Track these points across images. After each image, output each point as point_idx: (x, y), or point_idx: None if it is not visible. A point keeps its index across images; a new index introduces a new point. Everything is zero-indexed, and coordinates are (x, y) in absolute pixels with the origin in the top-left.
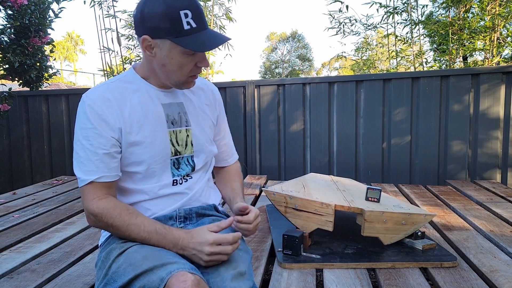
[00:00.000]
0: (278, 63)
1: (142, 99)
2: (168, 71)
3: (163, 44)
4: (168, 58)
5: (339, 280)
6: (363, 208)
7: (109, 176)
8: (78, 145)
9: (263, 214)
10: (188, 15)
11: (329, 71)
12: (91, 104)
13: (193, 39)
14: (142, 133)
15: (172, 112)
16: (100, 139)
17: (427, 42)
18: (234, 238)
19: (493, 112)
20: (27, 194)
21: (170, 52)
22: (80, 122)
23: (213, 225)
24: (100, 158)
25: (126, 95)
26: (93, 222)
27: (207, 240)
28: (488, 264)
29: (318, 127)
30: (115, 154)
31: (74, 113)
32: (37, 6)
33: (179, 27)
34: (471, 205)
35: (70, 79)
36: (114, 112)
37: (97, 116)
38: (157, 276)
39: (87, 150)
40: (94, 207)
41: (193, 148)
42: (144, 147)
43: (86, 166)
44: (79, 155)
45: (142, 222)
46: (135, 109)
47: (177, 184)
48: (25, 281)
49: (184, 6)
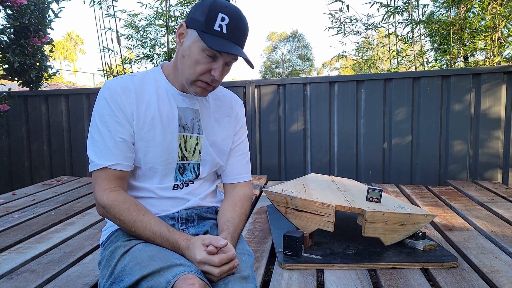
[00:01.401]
0: (279, 63)
1: (160, 98)
2: (184, 64)
3: (191, 34)
4: (189, 50)
5: (340, 281)
6: (364, 209)
7: (124, 165)
8: (95, 129)
9: (263, 215)
10: (224, 20)
11: (329, 70)
12: (112, 91)
13: (215, 39)
14: (153, 131)
15: (186, 117)
16: (118, 127)
17: (428, 42)
18: (220, 261)
19: (494, 112)
20: (27, 195)
21: (193, 44)
22: (100, 107)
23: (207, 239)
24: (117, 145)
25: (146, 90)
26: (102, 212)
27: (195, 258)
28: (489, 265)
29: (319, 127)
30: (131, 145)
31: (74, 113)
32: (37, 6)
33: (210, 25)
34: (472, 206)
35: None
36: (131, 104)
37: (116, 104)
38: (164, 278)
39: (105, 135)
40: (104, 198)
41: (201, 156)
42: (151, 145)
43: (102, 151)
44: (95, 140)
45: (149, 221)
46: (151, 106)
47: (177, 189)
48: (24, 281)
49: (227, 12)
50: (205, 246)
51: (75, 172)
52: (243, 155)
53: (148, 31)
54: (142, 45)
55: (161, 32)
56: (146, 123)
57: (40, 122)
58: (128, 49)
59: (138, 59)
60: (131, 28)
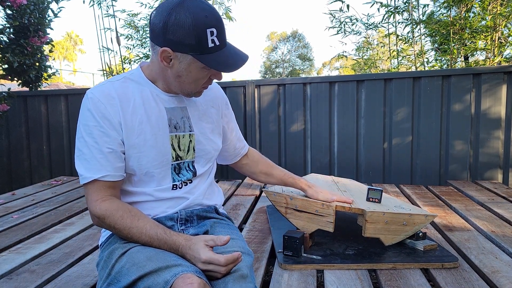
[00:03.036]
0: (279, 63)
1: (146, 101)
2: (183, 82)
3: (184, 58)
4: (186, 72)
5: (340, 281)
6: (364, 209)
7: (114, 175)
8: (82, 141)
9: (263, 215)
10: (213, 33)
11: (329, 70)
12: (95, 101)
13: (215, 58)
14: (143, 136)
15: (175, 116)
16: (105, 137)
17: (428, 42)
18: (226, 261)
19: (494, 112)
20: (26, 195)
21: (189, 66)
22: (84, 119)
23: (210, 239)
24: (105, 156)
25: (130, 95)
26: (97, 223)
27: (200, 257)
28: (490, 265)
29: (319, 127)
30: (121, 154)
31: (74, 113)
32: (36, 5)
33: (204, 45)
34: (472, 206)
35: (70, 79)
36: (117, 112)
37: (101, 114)
38: (162, 278)
39: (92, 147)
40: (97, 209)
41: (195, 153)
42: (144, 150)
43: (90, 163)
44: (82, 152)
45: (144, 226)
46: (138, 110)
47: (177, 189)
48: (24, 282)
49: (212, 24)
50: (209, 247)
51: (74, 172)
52: (237, 130)
53: (148, 31)
54: (141, 45)
55: None
56: (135, 129)
57: (39, 122)
58: (127, 49)
59: (138, 59)
60: (130, 28)
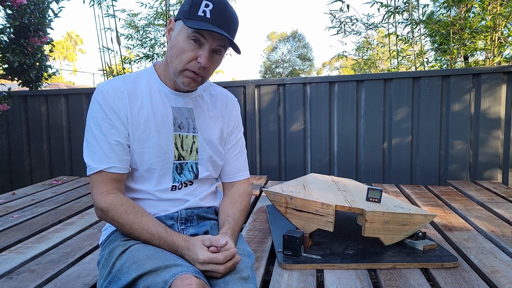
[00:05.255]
0: (279, 63)
1: (153, 98)
2: (172, 55)
3: (178, 25)
4: (175, 40)
5: (340, 281)
6: (364, 209)
7: (120, 167)
8: (90, 133)
9: (263, 215)
10: (208, 6)
11: (329, 70)
12: (105, 94)
13: (198, 23)
14: (148, 132)
15: (181, 116)
16: (113, 130)
17: (428, 42)
18: (224, 258)
19: (494, 112)
20: (27, 194)
21: (178, 33)
22: (93, 111)
23: (207, 239)
24: (112, 148)
25: (139, 91)
26: (100, 215)
27: (198, 258)
28: (489, 265)
29: (319, 127)
30: (127, 147)
31: (74, 113)
32: (37, 5)
33: (194, 12)
34: (472, 206)
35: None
36: (125, 106)
37: (109, 107)
38: (161, 278)
39: (99, 139)
40: (102, 202)
41: (198, 155)
42: (147, 146)
43: (97, 154)
44: (90, 143)
45: (146, 223)
46: (145, 106)
47: (176, 190)
48: (24, 281)
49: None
50: (206, 247)
51: (74, 172)
52: (240, 153)
53: (148, 30)
54: (141, 44)
55: (160, 32)
56: (140, 124)
57: (40, 122)
58: (127, 48)
59: (138, 59)
60: (130, 28)
